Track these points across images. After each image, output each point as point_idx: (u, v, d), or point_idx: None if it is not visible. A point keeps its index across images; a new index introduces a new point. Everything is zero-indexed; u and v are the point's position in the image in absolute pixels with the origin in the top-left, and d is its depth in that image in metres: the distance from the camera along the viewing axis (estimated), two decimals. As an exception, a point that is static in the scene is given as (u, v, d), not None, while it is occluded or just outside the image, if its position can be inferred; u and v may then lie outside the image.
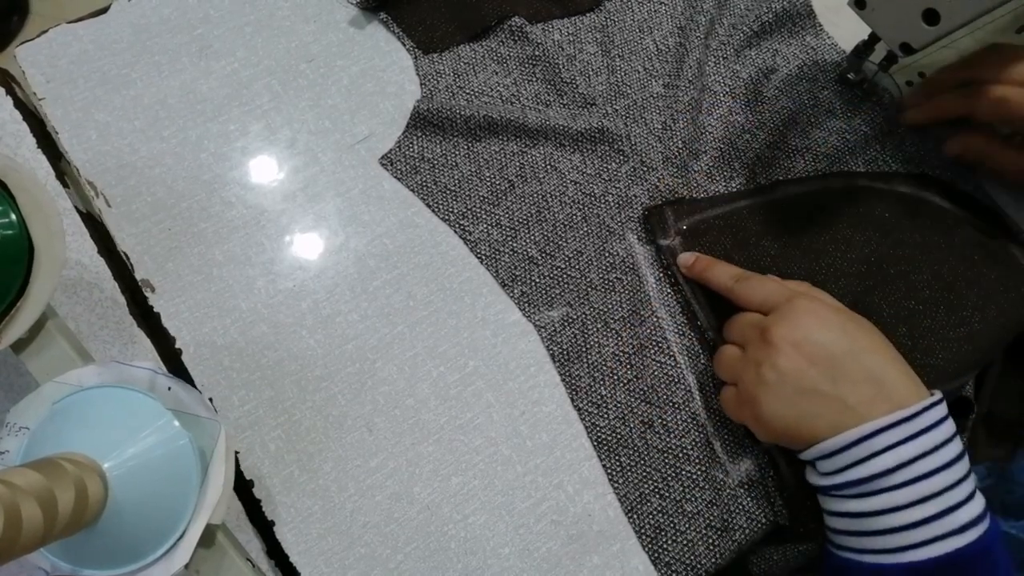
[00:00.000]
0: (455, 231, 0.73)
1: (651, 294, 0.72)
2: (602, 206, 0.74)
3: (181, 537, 0.54)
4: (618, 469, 0.66)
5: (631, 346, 0.70)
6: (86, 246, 0.67)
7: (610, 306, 0.71)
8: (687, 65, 0.80)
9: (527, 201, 0.74)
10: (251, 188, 0.71)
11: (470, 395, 0.67)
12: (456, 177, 0.74)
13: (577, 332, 0.70)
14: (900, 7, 0.67)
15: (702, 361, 0.70)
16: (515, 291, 0.71)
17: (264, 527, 0.62)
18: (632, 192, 0.75)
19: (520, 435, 0.67)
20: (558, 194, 0.74)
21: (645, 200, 0.75)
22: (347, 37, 0.78)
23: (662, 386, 0.69)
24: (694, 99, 0.79)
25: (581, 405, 0.68)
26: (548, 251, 0.72)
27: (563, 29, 0.81)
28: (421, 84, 0.78)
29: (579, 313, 0.71)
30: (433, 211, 0.73)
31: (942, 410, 0.57)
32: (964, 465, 0.56)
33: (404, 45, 0.79)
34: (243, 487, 0.63)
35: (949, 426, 0.57)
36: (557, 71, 0.78)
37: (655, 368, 0.69)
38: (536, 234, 0.73)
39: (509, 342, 0.69)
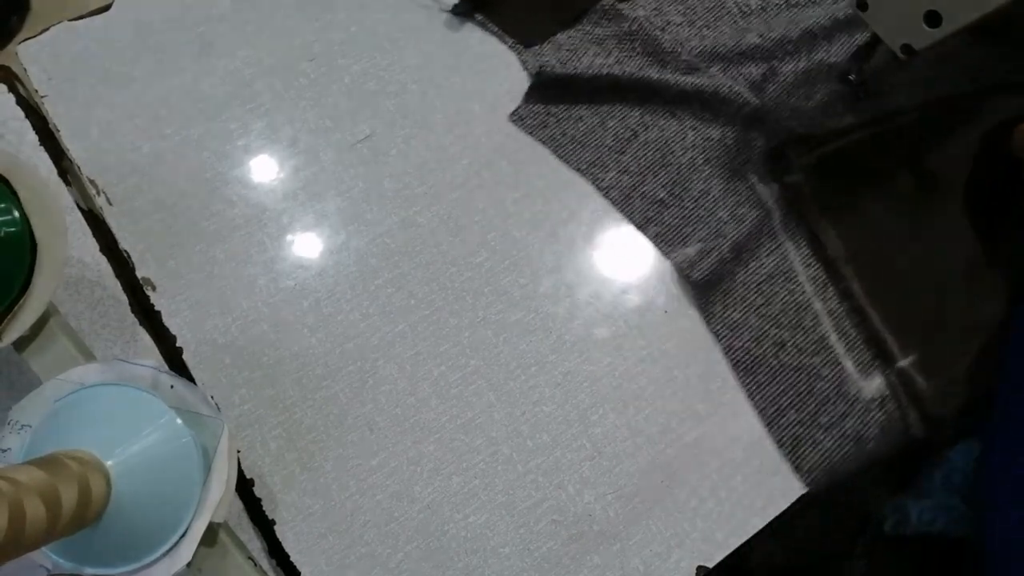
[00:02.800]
0: (587, 180, 0.76)
1: (776, 228, 0.75)
2: (721, 148, 0.78)
3: (184, 535, 0.54)
4: (755, 386, 0.70)
5: (760, 275, 0.74)
6: (88, 244, 0.67)
7: (740, 239, 0.74)
8: (776, 18, 0.84)
9: (650, 148, 0.77)
10: (252, 187, 0.71)
11: (471, 394, 0.68)
12: (582, 129, 0.78)
13: (713, 263, 0.72)
14: (902, 9, 0.67)
15: (829, 290, 0.74)
16: (649, 232, 0.74)
17: (264, 526, 0.62)
18: (750, 135, 0.78)
19: (521, 435, 0.67)
20: (679, 139, 0.78)
21: (762, 142, 0.78)
22: (348, 36, 0.78)
23: (791, 311, 0.73)
24: (791, 47, 0.83)
25: (717, 329, 0.72)
26: (676, 193, 0.76)
27: (647, 5, 0.83)
28: (531, 76, 0.79)
29: (712, 245, 0.73)
30: (565, 162, 0.76)
31: None
32: None
33: (505, 43, 0.81)
34: (244, 486, 0.63)
35: None
36: (658, 42, 0.80)
37: (784, 295, 0.73)
38: (663, 178, 0.76)
39: (510, 342, 0.69)
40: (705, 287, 0.72)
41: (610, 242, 0.74)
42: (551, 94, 0.78)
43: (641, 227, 0.75)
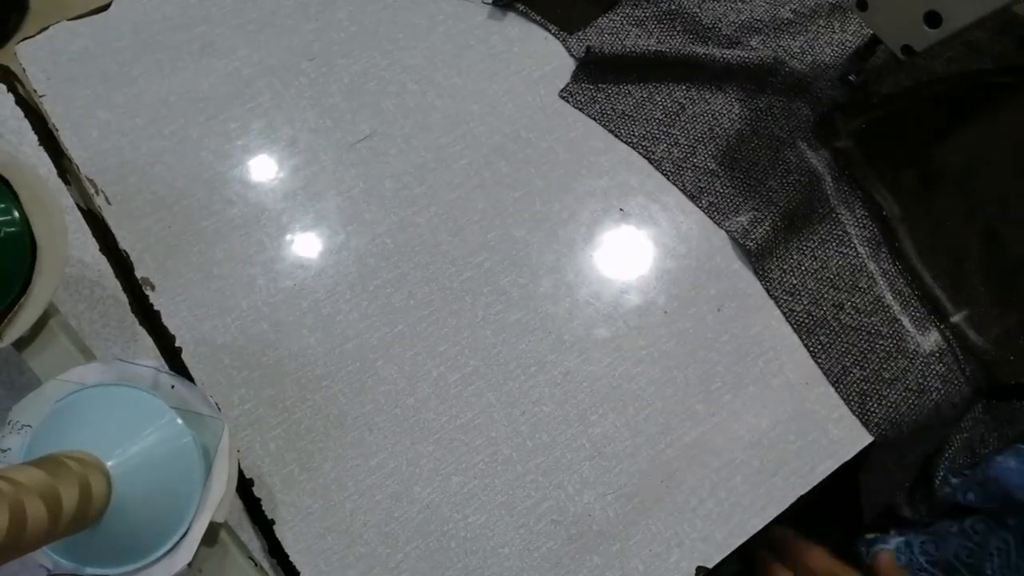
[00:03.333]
0: (639, 152, 0.78)
1: (828, 193, 0.78)
2: (769, 119, 0.80)
3: (184, 535, 0.54)
4: (819, 347, 0.74)
5: (814, 240, 0.76)
6: (88, 244, 0.67)
7: (792, 206, 0.77)
8: None
9: (699, 120, 0.80)
10: (252, 186, 0.71)
11: (470, 395, 0.68)
12: (631, 103, 0.80)
13: (767, 231, 0.75)
14: (902, 9, 0.67)
15: (882, 251, 0.77)
16: (703, 202, 0.77)
17: (264, 526, 0.62)
18: (795, 104, 0.81)
19: (520, 435, 0.67)
20: (726, 111, 0.80)
21: (807, 111, 0.81)
22: (348, 35, 0.78)
23: (846, 274, 0.76)
24: (823, 22, 0.86)
25: (776, 295, 0.75)
26: (726, 164, 0.78)
27: None
28: (576, 60, 0.82)
29: (764, 215, 0.76)
30: (616, 136, 0.78)
31: None
32: None
33: (549, 31, 0.82)
34: (243, 486, 0.63)
35: None
36: (697, 19, 0.83)
37: (838, 259, 0.76)
38: (712, 149, 0.79)
39: (509, 342, 0.69)
40: (760, 254, 0.74)
41: (610, 242, 0.74)
42: (598, 72, 0.80)
43: (694, 198, 0.77)
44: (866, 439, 0.70)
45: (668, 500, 0.67)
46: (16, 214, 0.58)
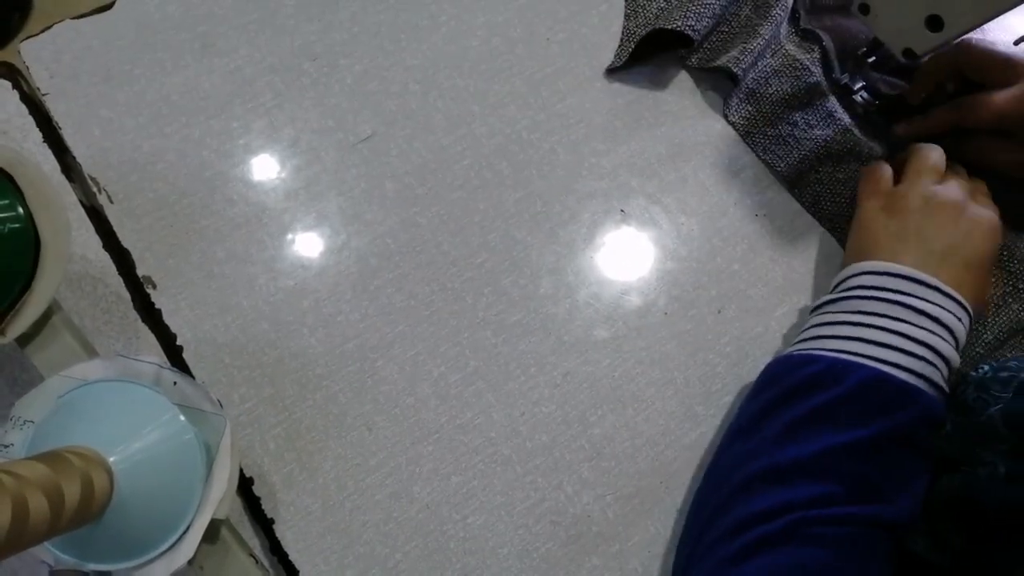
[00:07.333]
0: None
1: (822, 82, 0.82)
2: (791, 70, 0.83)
3: (186, 532, 0.54)
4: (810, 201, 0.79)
5: (816, 117, 0.80)
6: (91, 240, 0.67)
7: (783, 91, 0.81)
8: None
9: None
10: (253, 186, 0.71)
11: (470, 395, 0.68)
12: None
13: (767, 124, 0.80)
14: (904, 13, 0.67)
15: (870, 122, 0.82)
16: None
17: (264, 525, 0.62)
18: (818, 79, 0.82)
19: (520, 435, 0.67)
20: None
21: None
22: (351, 36, 0.78)
23: (844, 148, 0.80)
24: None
25: (787, 175, 0.79)
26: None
27: None
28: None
29: (765, 107, 0.80)
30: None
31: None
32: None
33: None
34: (243, 484, 0.63)
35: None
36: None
37: (839, 135, 0.80)
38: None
39: (510, 342, 0.69)
40: (768, 149, 0.79)
41: (610, 243, 0.74)
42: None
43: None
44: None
45: (668, 501, 0.67)
46: (20, 210, 0.58)
